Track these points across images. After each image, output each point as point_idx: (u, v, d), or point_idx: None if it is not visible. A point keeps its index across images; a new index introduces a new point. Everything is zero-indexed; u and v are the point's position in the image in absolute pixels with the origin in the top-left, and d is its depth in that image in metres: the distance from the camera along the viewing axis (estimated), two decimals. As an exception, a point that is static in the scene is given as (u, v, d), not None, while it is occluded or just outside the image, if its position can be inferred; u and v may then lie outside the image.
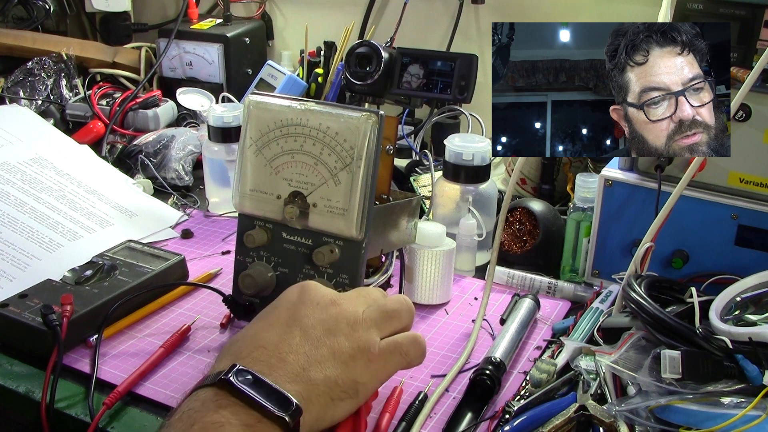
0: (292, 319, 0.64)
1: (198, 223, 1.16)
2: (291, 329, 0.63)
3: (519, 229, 1.03)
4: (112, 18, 1.70)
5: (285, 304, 0.66)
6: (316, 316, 0.64)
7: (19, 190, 1.08)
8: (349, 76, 1.24)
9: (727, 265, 0.85)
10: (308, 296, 0.66)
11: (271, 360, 0.60)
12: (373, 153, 0.76)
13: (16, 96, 1.45)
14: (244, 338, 0.63)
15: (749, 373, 0.64)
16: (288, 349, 0.61)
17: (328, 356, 0.62)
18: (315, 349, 0.62)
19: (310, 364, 0.60)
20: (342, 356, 0.62)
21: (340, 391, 0.61)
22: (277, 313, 0.66)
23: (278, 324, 0.64)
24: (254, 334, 0.63)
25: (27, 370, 0.80)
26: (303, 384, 0.59)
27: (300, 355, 0.61)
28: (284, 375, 0.59)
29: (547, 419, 0.68)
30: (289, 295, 0.68)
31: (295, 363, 0.60)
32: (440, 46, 1.48)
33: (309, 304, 0.66)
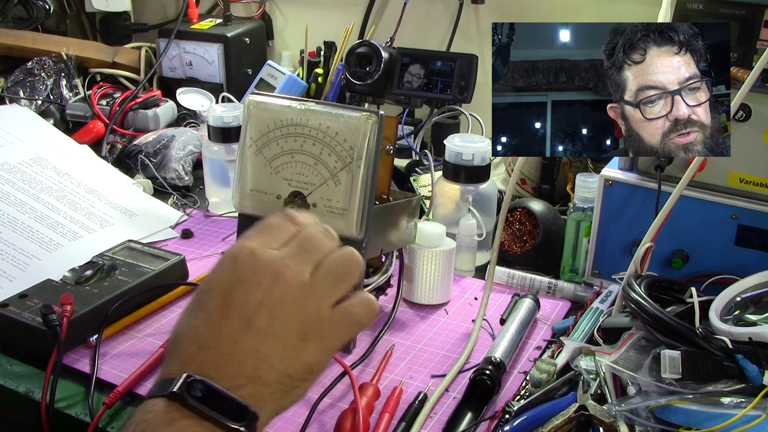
0: (231, 308, 0.58)
1: (198, 223, 1.16)
2: (231, 320, 0.57)
3: (519, 229, 1.03)
4: (112, 18, 1.70)
5: (221, 287, 0.59)
6: (258, 300, 0.58)
7: (19, 190, 1.08)
8: (349, 76, 1.24)
9: (727, 265, 0.85)
10: (245, 273, 0.59)
11: (218, 362, 0.56)
12: (373, 153, 0.76)
13: (16, 96, 1.45)
14: (187, 335, 0.58)
15: (749, 373, 0.64)
16: (233, 348, 0.56)
17: (278, 346, 0.57)
18: (262, 341, 0.57)
19: (260, 362, 0.56)
20: (292, 341, 0.58)
21: (295, 380, 0.58)
22: (213, 297, 0.59)
23: (217, 314, 0.58)
24: (195, 330, 0.57)
25: (27, 370, 0.80)
26: (255, 386, 0.56)
27: (248, 352, 0.56)
28: (235, 378, 0.55)
29: (547, 419, 0.68)
30: (224, 271, 0.60)
31: (245, 363, 0.56)
32: (440, 46, 1.48)
33: (247, 284, 0.58)
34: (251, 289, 0.59)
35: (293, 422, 0.72)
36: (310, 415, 0.72)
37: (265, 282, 0.59)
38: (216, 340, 0.57)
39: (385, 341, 0.85)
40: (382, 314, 0.90)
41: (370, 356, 0.82)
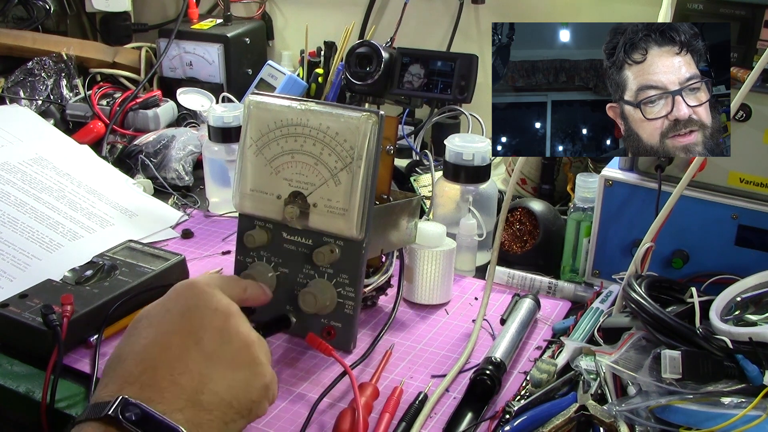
0: (188, 331, 0.59)
1: (198, 223, 1.16)
2: (186, 344, 0.58)
3: (519, 229, 1.03)
4: (112, 18, 1.70)
5: (177, 309, 0.61)
6: (215, 325, 0.60)
7: (19, 190, 1.08)
8: (349, 76, 1.24)
9: (727, 265, 0.85)
10: (204, 300, 0.61)
11: (161, 383, 0.56)
12: (373, 153, 0.76)
13: (16, 96, 1.45)
14: (132, 354, 0.58)
15: (749, 373, 0.64)
16: (182, 369, 0.57)
17: (225, 374, 0.59)
18: (210, 365, 0.58)
19: (203, 386, 0.57)
20: (241, 373, 0.59)
21: (234, 413, 0.59)
22: (169, 320, 0.60)
23: (172, 334, 0.59)
24: (143, 350, 0.58)
25: (27, 370, 0.80)
26: (195, 410, 0.56)
27: (194, 374, 0.57)
28: (175, 400, 0.55)
29: (547, 419, 0.68)
30: (182, 298, 0.62)
31: (188, 385, 0.56)
32: (440, 46, 1.48)
33: (205, 309, 0.61)
34: (210, 314, 0.61)
35: (293, 422, 0.72)
36: (310, 415, 0.72)
37: (222, 310, 0.62)
38: (164, 359, 0.57)
39: (385, 341, 0.85)
40: (383, 314, 0.91)
41: (370, 356, 0.82)
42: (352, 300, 0.80)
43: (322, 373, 0.79)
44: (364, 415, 0.70)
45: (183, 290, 0.63)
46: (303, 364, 0.81)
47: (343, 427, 0.70)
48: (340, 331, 0.81)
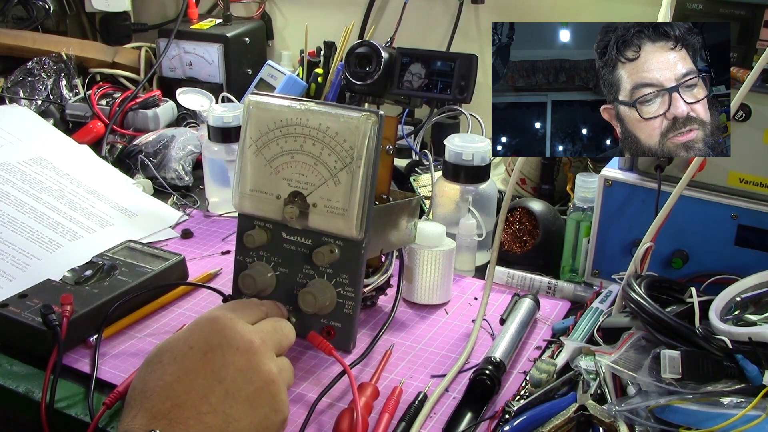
0: (211, 370, 0.61)
1: (198, 223, 1.16)
2: (210, 383, 0.60)
3: (519, 229, 1.03)
4: (112, 18, 1.70)
5: (200, 347, 0.62)
6: (237, 365, 0.62)
7: (19, 190, 1.08)
8: (349, 76, 1.24)
9: (727, 265, 0.85)
10: (225, 337, 0.63)
11: (189, 421, 0.58)
12: (373, 153, 0.76)
13: (16, 96, 1.45)
14: (159, 390, 0.60)
15: (749, 373, 0.64)
16: (207, 408, 0.59)
17: (246, 411, 0.61)
18: (233, 404, 0.60)
19: (228, 424, 0.59)
20: (261, 410, 0.61)
21: None
22: (192, 357, 0.62)
23: (196, 374, 0.60)
24: (169, 385, 0.60)
25: (27, 370, 0.80)
26: None
27: (218, 413, 0.59)
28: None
29: (547, 419, 0.68)
30: (204, 334, 0.63)
31: (213, 423, 0.58)
32: (440, 46, 1.48)
33: (228, 347, 0.62)
34: (231, 353, 0.63)
35: (292, 422, 0.71)
36: (309, 415, 0.72)
37: (244, 349, 0.63)
38: (189, 397, 0.59)
39: (385, 341, 0.85)
40: (382, 314, 0.91)
41: (370, 356, 0.82)
42: (351, 300, 0.80)
43: (321, 373, 0.79)
44: (363, 415, 0.70)
45: (206, 324, 0.64)
46: (303, 364, 0.81)
47: (342, 427, 0.70)
48: (339, 331, 0.81)
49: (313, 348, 0.81)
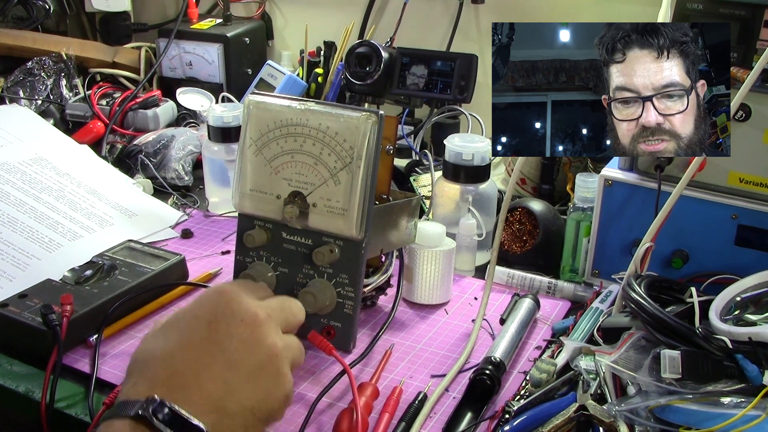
0: (214, 340, 0.61)
1: (198, 223, 1.16)
2: (212, 351, 0.60)
3: (519, 229, 1.03)
4: (112, 18, 1.70)
5: (205, 317, 0.62)
6: (240, 336, 0.61)
7: (19, 190, 1.08)
8: (349, 76, 1.24)
9: (727, 265, 0.85)
10: (231, 309, 0.63)
11: (189, 388, 0.58)
12: (373, 153, 0.76)
13: (16, 96, 1.45)
14: (160, 357, 0.60)
15: (749, 373, 0.64)
16: (207, 375, 0.59)
17: (248, 382, 0.60)
18: (234, 373, 0.60)
19: (229, 393, 0.59)
20: (263, 382, 0.61)
21: (255, 419, 0.61)
22: (196, 327, 0.62)
23: (198, 342, 0.60)
24: (170, 353, 0.60)
25: (27, 370, 0.80)
26: (219, 415, 0.58)
27: (219, 382, 0.59)
28: (201, 405, 0.57)
29: (547, 419, 0.68)
30: (210, 305, 0.63)
31: (213, 392, 0.58)
32: (440, 46, 1.48)
33: (233, 318, 0.62)
34: (236, 324, 0.62)
35: (292, 422, 0.72)
36: (309, 415, 0.72)
37: (249, 321, 0.63)
38: (190, 366, 0.59)
39: (385, 341, 0.85)
40: (382, 314, 0.91)
41: (370, 356, 0.82)
42: (351, 300, 0.80)
43: (321, 373, 0.79)
44: (363, 414, 0.70)
45: (212, 296, 0.64)
46: (303, 364, 0.81)
47: (342, 427, 0.70)
48: (339, 330, 0.81)
49: (313, 348, 0.81)
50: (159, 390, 0.56)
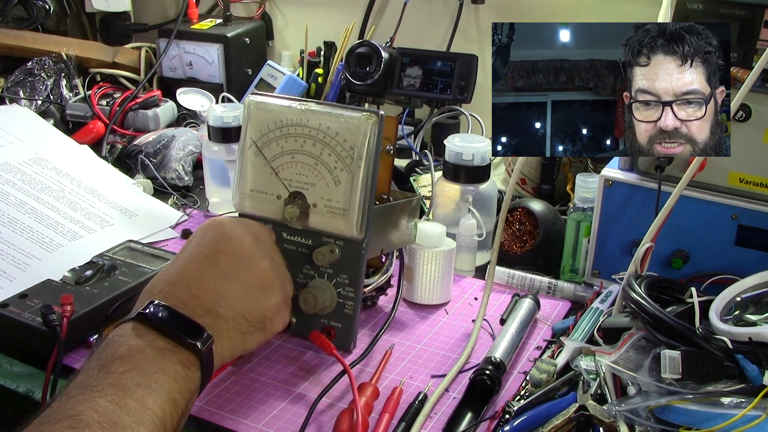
0: (206, 255, 0.70)
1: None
2: (204, 266, 0.69)
3: (519, 229, 1.03)
4: (112, 18, 1.70)
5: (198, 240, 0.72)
6: (230, 252, 0.70)
7: (19, 190, 1.08)
8: (349, 76, 1.24)
9: (727, 265, 0.85)
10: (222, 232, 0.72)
11: (183, 295, 0.66)
12: (373, 153, 0.76)
13: (16, 96, 1.45)
14: (159, 278, 0.69)
15: (749, 373, 0.64)
16: (199, 285, 0.67)
17: (238, 290, 0.69)
18: (224, 283, 0.68)
19: (219, 300, 0.67)
20: (252, 290, 0.70)
21: (249, 325, 0.69)
22: (191, 249, 0.71)
23: (191, 260, 0.69)
24: (166, 272, 0.69)
25: (27, 370, 0.80)
26: (212, 318, 0.66)
27: (210, 290, 0.67)
28: (195, 309, 0.65)
29: (547, 419, 0.68)
30: (203, 231, 0.73)
31: (206, 298, 0.66)
32: (440, 46, 1.48)
33: (223, 239, 0.71)
34: (225, 242, 0.71)
35: (292, 422, 0.72)
36: (309, 415, 0.72)
37: (238, 240, 0.71)
38: (184, 278, 0.68)
39: (385, 341, 0.85)
40: (382, 314, 0.91)
41: (370, 356, 0.82)
42: (352, 300, 0.80)
43: (322, 373, 0.79)
44: (363, 415, 0.70)
45: (207, 224, 0.74)
46: (303, 364, 0.81)
47: (342, 427, 0.70)
48: (340, 331, 0.81)
49: (313, 348, 0.81)
50: (157, 297, 0.65)
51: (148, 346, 0.60)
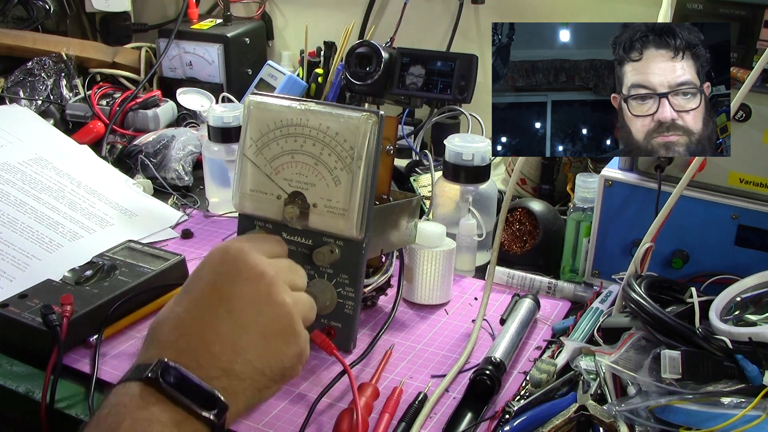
0: (219, 299, 0.60)
1: (198, 223, 1.16)
2: (217, 312, 0.59)
3: (519, 229, 1.03)
4: (112, 18, 1.70)
5: (210, 277, 0.61)
6: (247, 296, 0.60)
7: (19, 191, 1.08)
8: (349, 76, 1.24)
9: (727, 265, 0.85)
10: (236, 267, 0.61)
11: (197, 351, 0.57)
12: (373, 153, 0.76)
13: (16, 96, 1.45)
14: (169, 321, 0.60)
15: (749, 373, 0.64)
16: (214, 338, 0.58)
17: (257, 343, 0.60)
18: (242, 335, 0.59)
19: (237, 356, 0.58)
20: (272, 341, 0.60)
21: (267, 380, 0.60)
22: (201, 287, 0.61)
23: (203, 303, 0.60)
24: (178, 316, 0.59)
25: (27, 370, 0.80)
26: (229, 378, 0.57)
27: (227, 344, 0.58)
28: (210, 369, 0.57)
29: (547, 419, 0.68)
30: (214, 264, 0.62)
31: (222, 355, 0.58)
32: (440, 46, 1.48)
33: (238, 278, 0.61)
34: (241, 283, 0.61)
35: (292, 422, 0.72)
36: (309, 415, 0.72)
37: (254, 279, 0.61)
38: (197, 328, 0.59)
39: (385, 341, 0.85)
40: (382, 314, 0.91)
41: (370, 356, 0.82)
42: (352, 300, 0.80)
43: (322, 373, 0.79)
44: (363, 415, 0.70)
45: (217, 255, 0.63)
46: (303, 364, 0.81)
47: (342, 428, 0.70)
48: (340, 331, 0.81)
49: (313, 348, 0.81)
50: (168, 353, 0.56)
51: (155, 419, 0.53)
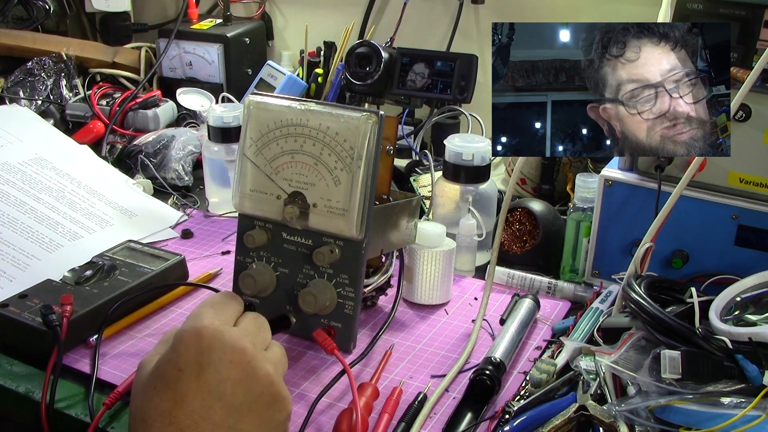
0: (208, 390, 0.58)
1: (198, 223, 1.16)
2: (209, 402, 0.58)
3: (519, 229, 1.03)
4: (112, 18, 1.70)
5: (192, 368, 0.59)
6: (233, 378, 0.59)
7: (19, 191, 1.08)
8: (349, 76, 1.24)
9: (727, 265, 0.85)
10: (217, 353, 0.60)
11: None
12: (373, 153, 0.76)
13: (16, 96, 1.45)
14: (159, 417, 0.58)
15: (749, 373, 0.64)
16: (211, 427, 0.57)
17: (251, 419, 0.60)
18: (237, 416, 0.59)
19: None
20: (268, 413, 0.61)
21: None
22: (186, 381, 0.59)
23: (193, 396, 0.58)
24: (168, 413, 0.57)
25: (27, 370, 0.80)
26: None
27: (223, 429, 0.58)
28: None
29: (547, 419, 0.68)
30: (192, 353, 0.60)
31: None
32: (440, 46, 1.48)
33: (220, 363, 0.59)
34: (226, 368, 0.60)
35: (292, 422, 0.71)
36: (309, 415, 0.72)
37: (237, 360, 0.60)
38: (191, 421, 0.57)
39: (385, 341, 0.85)
40: (382, 314, 0.91)
41: (370, 356, 0.82)
42: (352, 300, 0.80)
43: (322, 373, 0.79)
44: (363, 415, 0.70)
45: (191, 341, 0.60)
46: (303, 364, 0.81)
47: (342, 428, 0.70)
48: (339, 331, 0.81)
49: (314, 348, 0.81)
50: None
51: None
